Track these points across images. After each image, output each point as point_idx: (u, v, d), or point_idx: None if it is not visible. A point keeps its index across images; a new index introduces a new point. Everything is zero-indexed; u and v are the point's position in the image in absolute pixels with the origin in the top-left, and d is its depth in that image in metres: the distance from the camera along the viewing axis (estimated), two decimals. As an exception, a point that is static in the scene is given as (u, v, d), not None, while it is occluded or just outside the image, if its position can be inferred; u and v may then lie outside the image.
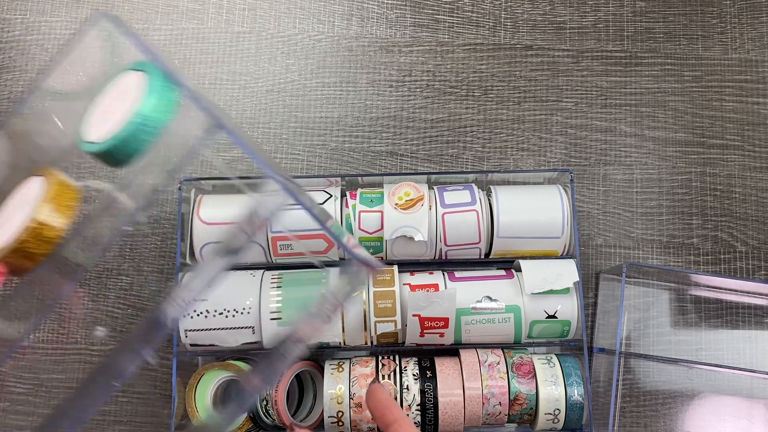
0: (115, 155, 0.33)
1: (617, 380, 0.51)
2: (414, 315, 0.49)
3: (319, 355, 0.53)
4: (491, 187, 0.54)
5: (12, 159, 0.36)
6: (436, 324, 0.49)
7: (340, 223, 0.52)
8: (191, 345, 0.50)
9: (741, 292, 0.57)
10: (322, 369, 0.50)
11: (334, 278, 0.51)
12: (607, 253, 0.58)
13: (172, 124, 0.32)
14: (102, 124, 0.34)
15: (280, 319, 0.49)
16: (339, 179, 0.54)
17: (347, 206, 0.52)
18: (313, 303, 0.49)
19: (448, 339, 0.50)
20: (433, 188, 0.54)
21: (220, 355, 0.52)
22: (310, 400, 0.53)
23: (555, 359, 0.51)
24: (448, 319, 0.49)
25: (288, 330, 0.49)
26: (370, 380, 0.49)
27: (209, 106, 0.32)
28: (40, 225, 0.34)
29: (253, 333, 0.49)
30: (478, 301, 0.51)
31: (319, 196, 0.52)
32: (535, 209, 0.52)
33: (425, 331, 0.50)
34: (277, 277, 0.51)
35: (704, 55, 0.62)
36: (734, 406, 0.55)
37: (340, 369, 0.50)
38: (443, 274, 0.52)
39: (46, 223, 0.34)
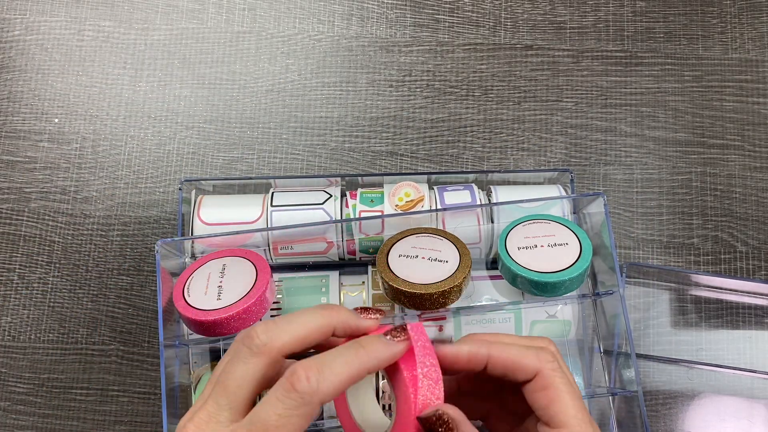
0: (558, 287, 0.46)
1: (614, 382, 0.51)
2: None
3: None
4: (491, 187, 0.54)
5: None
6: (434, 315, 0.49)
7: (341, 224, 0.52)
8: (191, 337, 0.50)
9: (741, 292, 0.57)
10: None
11: (334, 282, 0.51)
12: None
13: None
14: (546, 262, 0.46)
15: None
16: (339, 179, 0.54)
17: (347, 206, 0.52)
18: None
19: (448, 333, 0.50)
20: (433, 188, 0.54)
21: (219, 355, 0.52)
22: (310, 400, 0.53)
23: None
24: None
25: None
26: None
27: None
28: None
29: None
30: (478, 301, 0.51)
31: (319, 196, 0.52)
32: (535, 209, 0.52)
33: (422, 322, 0.50)
34: (277, 282, 0.51)
35: (704, 55, 0.62)
36: (735, 406, 0.55)
37: (340, 369, 0.50)
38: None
39: None
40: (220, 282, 0.45)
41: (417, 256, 0.47)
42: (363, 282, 0.51)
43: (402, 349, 0.30)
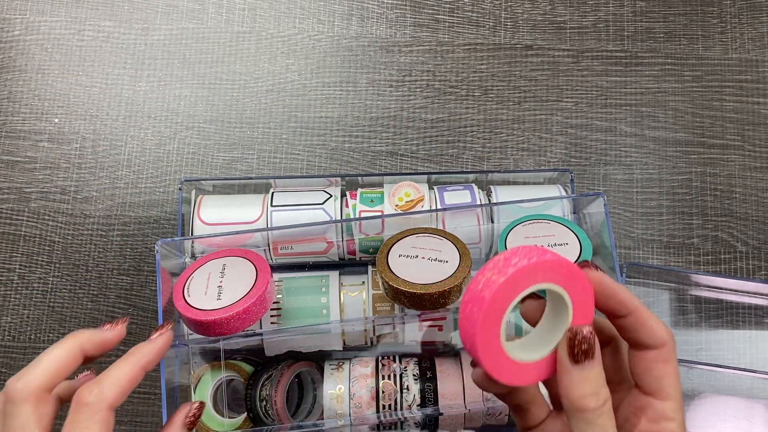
0: None
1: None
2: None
3: (319, 355, 0.53)
4: (491, 187, 0.54)
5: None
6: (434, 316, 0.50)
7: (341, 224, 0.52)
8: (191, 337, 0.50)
9: (741, 292, 0.57)
10: (322, 369, 0.51)
11: (334, 282, 0.51)
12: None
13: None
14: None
15: (280, 323, 0.49)
16: (339, 179, 0.54)
17: (347, 206, 0.52)
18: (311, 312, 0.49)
19: (446, 334, 0.51)
20: (433, 188, 0.54)
21: (219, 355, 0.52)
22: (310, 400, 0.53)
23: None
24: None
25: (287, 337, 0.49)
26: (370, 381, 0.49)
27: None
28: None
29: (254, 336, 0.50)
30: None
31: (319, 196, 0.52)
32: (535, 209, 0.52)
33: (422, 324, 0.50)
34: (277, 282, 0.51)
35: (704, 55, 0.62)
36: (735, 406, 0.55)
37: (340, 369, 0.50)
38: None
39: None
40: (220, 282, 0.45)
41: (417, 256, 0.47)
42: (363, 282, 0.51)
43: (165, 341, 0.34)
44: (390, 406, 0.48)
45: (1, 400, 0.31)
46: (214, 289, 0.45)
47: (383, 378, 0.49)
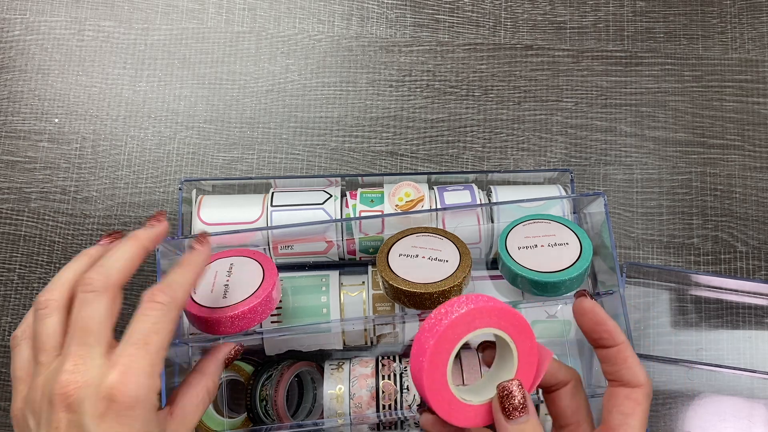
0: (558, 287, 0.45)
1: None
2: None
3: (319, 355, 0.53)
4: (491, 187, 0.54)
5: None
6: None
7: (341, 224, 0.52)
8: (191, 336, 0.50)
9: (741, 292, 0.57)
10: (322, 369, 0.50)
11: (334, 282, 0.51)
12: (608, 253, 0.58)
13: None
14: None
15: (280, 322, 0.49)
16: (339, 179, 0.54)
17: (347, 206, 0.52)
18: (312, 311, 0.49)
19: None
20: (433, 188, 0.54)
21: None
22: (310, 400, 0.53)
23: (555, 359, 0.51)
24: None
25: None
26: (370, 380, 0.49)
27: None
28: None
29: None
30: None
31: (319, 196, 0.52)
32: (535, 209, 0.52)
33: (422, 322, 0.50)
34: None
35: (704, 55, 0.62)
36: (734, 406, 0.55)
37: (340, 369, 0.50)
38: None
39: None
40: (227, 281, 0.45)
41: (417, 256, 0.47)
42: (363, 282, 0.51)
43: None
44: (390, 406, 0.48)
45: (78, 288, 0.33)
46: (221, 288, 0.45)
47: (383, 378, 0.49)
